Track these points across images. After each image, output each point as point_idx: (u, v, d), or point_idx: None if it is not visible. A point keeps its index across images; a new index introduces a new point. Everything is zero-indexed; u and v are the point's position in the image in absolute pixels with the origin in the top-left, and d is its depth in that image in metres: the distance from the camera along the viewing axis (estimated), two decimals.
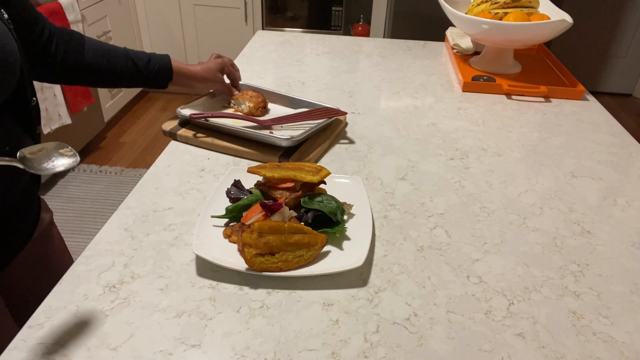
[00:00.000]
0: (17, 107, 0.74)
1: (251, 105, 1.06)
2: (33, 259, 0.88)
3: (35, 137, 0.80)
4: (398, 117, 1.15)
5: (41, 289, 0.73)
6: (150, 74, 0.97)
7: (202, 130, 1.01)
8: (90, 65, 0.91)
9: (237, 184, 0.80)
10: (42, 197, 0.94)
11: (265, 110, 1.09)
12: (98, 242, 0.74)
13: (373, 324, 0.62)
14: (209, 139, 0.98)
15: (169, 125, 1.03)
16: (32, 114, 0.78)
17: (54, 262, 0.93)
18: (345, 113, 1.03)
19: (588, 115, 1.21)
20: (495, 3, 1.34)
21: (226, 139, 0.98)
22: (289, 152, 0.94)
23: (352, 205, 0.79)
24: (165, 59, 1.00)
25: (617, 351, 0.60)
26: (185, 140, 1.00)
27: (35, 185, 0.86)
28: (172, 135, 1.01)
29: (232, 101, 1.10)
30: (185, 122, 1.03)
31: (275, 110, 1.11)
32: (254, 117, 1.06)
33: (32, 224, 0.86)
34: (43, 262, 0.91)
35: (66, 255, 0.99)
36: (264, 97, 1.10)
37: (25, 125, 0.77)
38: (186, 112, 1.03)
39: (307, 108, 1.09)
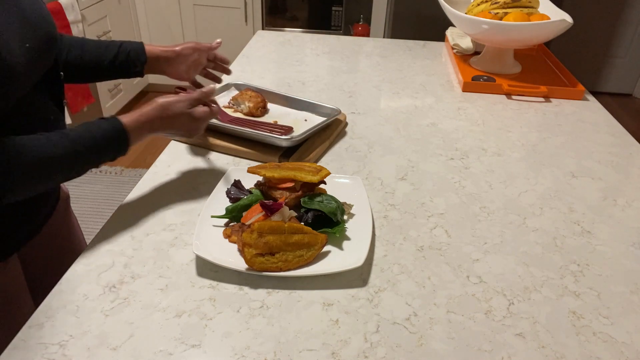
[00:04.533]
0: (50, 80, 0.76)
1: (251, 105, 1.06)
2: (55, 232, 0.89)
3: (62, 109, 0.82)
4: (398, 117, 1.15)
5: (60, 262, 0.74)
6: (123, 57, 0.91)
7: (208, 132, 1.00)
8: (68, 62, 0.88)
9: (237, 184, 0.80)
10: None
11: (264, 110, 1.09)
12: (98, 242, 0.74)
13: (373, 324, 0.62)
14: (209, 139, 0.98)
15: None
16: (61, 88, 0.80)
17: (72, 236, 0.96)
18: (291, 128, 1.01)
19: (588, 115, 1.21)
20: (495, 3, 1.34)
21: (226, 139, 0.98)
22: (289, 152, 0.94)
23: (352, 205, 0.79)
24: (139, 43, 0.94)
25: (617, 351, 0.60)
26: (185, 141, 1.00)
27: None
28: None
29: (231, 101, 1.10)
30: None
31: (275, 110, 1.11)
32: (254, 117, 1.06)
33: (56, 198, 0.88)
34: (63, 235, 0.93)
35: (80, 232, 1.01)
36: (264, 97, 1.10)
37: (55, 97, 0.79)
38: None
39: (306, 108, 1.10)
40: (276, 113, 1.10)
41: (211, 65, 1.04)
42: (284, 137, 0.92)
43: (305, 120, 1.07)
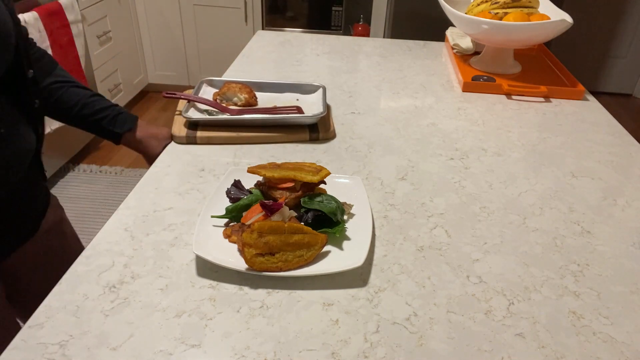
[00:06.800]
0: (12, 83, 0.71)
1: (246, 95, 1.07)
2: (38, 254, 0.87)
3: (32, 113, 0.77)
4: (398, 117, 1.15)
5: (47, 285, 0.74)
6: (114, 112, 0.93)
7: (223, 128, 1.00)
8: (50, 90, 0.88)
9: (237, 184, 0.80)
10: (54, 194, 0.94)
11: (256, 98, 1.10)
12: (98, 242, 0.74)
13: (373, 324, 0.62)
14: (234, 133, 0.98)
15: (180, 130, 0.99)
16: (29, 88, 0.74)
17: (62, 259, 0.92)
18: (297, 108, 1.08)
19: (588, 115, 1.21)
20: (495, 3, 1.34)
21: (251, 129, 0.99)
22: (313, 128, 1.01)
23: (352, 205, 0.79)
24: (134, 115, 0.97)
25: (617, 351, 0.60)
26: (207, 141, 0.98)
27: (39, 176, 0.85)
28: (190, 140, 0.98)
29: (218, 98, 1.08)
30: (196, 124, 1.02)
31: (262, 97, 1.13)
32: (252, 106, 1.07)
33: (37, 217, 0.85)
34: (50, 258, 0.90)
35: (78, 245, 0.99)
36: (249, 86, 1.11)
37: (21, 103, 0.74)
38: (191, 114, 1.03)
39: (287, 89, 1.15)
40: (266, 100, 1.11)
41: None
42: (307, 115, 0.99)
43: (297, 99, 1.11)
